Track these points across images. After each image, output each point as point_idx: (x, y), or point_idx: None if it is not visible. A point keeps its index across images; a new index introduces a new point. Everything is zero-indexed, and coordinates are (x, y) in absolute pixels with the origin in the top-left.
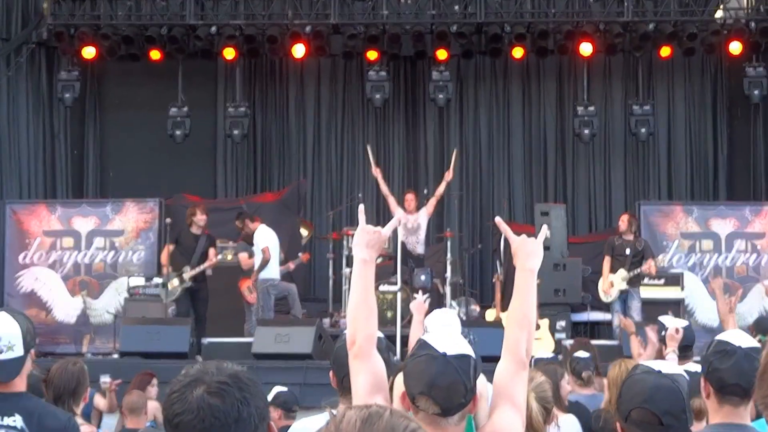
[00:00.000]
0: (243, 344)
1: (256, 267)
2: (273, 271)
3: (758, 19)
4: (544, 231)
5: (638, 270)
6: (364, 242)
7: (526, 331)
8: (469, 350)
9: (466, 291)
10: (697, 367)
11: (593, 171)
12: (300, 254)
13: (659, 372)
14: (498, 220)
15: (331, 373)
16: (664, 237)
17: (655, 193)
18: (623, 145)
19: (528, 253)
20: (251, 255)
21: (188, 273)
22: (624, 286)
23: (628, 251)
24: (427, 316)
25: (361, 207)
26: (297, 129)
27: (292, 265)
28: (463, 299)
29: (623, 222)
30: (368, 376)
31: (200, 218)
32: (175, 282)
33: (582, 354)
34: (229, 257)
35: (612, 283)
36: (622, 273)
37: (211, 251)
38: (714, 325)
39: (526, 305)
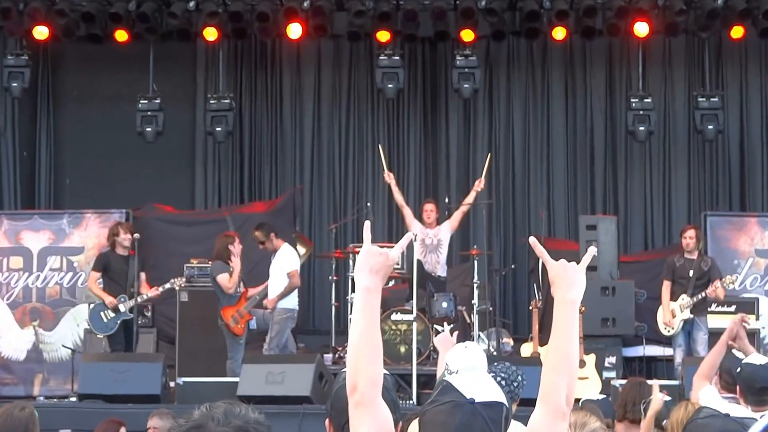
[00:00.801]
0: (226, 385)
1: (269, 292)
2: (294, 301)
3: None
4: (591, 253)
5: (702, 294)
6: (368, 267)
7: (566, 375)
8: (501, 396)
9: (496, 321)
10: None
11: (650, 176)
12: None
13: (726, 416)
14: (533, 240)
15: (327, 422)
16: (735, 254)
17: (725, 203)
18: (686, 145)
19: (570, 282)
20: (231, 275)
21: (128, 303)
22: (687, 314)
23: (691, 273)
24: (449, 351)
25: (367, 224)
26: (292, 125)
27: None
28: (493, 331)
29: (689, 238)
30: (371, 426)
31: (124, 238)
32: (111, 314)
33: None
34: (177, 285)
35: (673, 312)
36: (684, 299)
37: (143, 276)
38: None
39: (566, 344)
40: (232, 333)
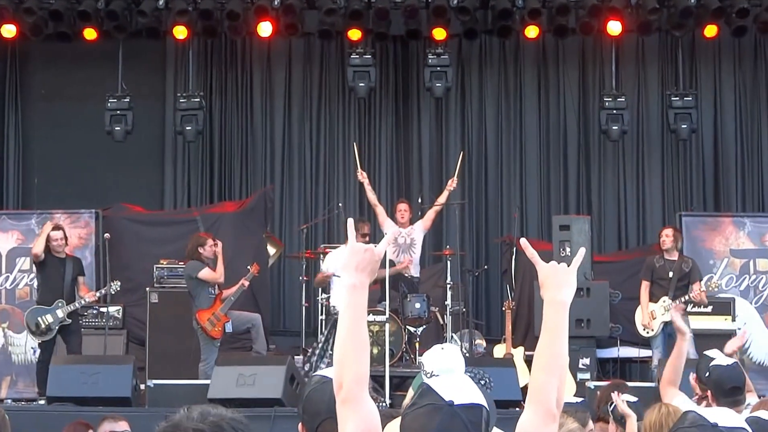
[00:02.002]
0: (197, 387)
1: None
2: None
3: None
4: (581, 254)
5: (686, 297)
6: (354, 264)
7: (556, 376)
8: (480, 398)
9: (469, 322)
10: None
11: (623, 176)
12: (249, 267)
13: (715, 426)
14: (524, 242)
15: (300, 426)
16: (711, 255)
17: (699, 203)
18: (660, 145)
19: (560, 283)
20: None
21: (64, 308)
22: (668, 317)
23: (671, 274)
24: (425, 353)
25: (351, 221)
26: (263, 125)
27: (246, 282)
28: (466, 332)
29: (667, 237)
30: (359, 424)
31: (54, 235)
32: (49, 318)
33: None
34: (113, 290)
35: (653, 314)
36: (665, 301)
37: (80, 280)
38: None
39: (556, 345)
40: (209, 336)
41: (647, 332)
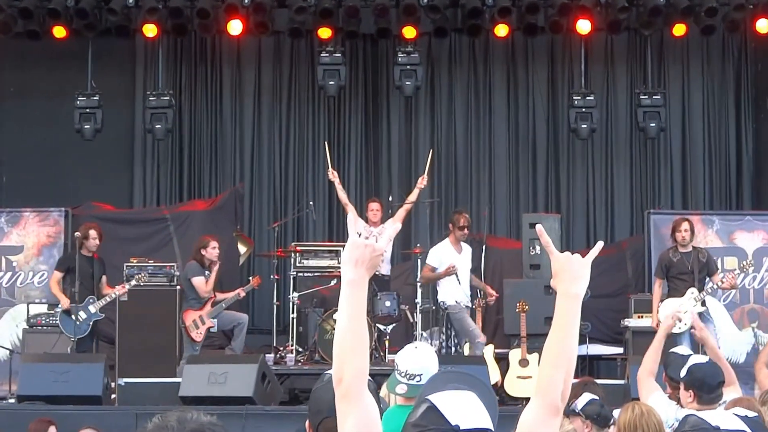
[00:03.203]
0: (168, 385)
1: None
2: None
3: None
4: (598, 247)
5: (712, 285)
6: (353, 259)
7: (563, 371)
8: (487, 421)
9: (439, 319)
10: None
11: (592, 174)
12: (251, 278)
13: (717, 429)
14: (539, 228)
15: (307, 424)
16: None
17: (667, 201)
18: (629, 143)
19: (574, 276)
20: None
21: (97, 304)
22: (701, 308)
23: (692, 267)
24: (399, 352)
25: (351, 216)
26: (233, 123)
27: (242, 293)
28: (436, 330)
29: (684, 231)
30: (358, 419)
31: (92, 234)
32: (83, 315)
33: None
34: (141, 281)
35: (681, 308)
36: (693, 293)
37: (104, 279)
38: (740, 360)
39: (567, 338)
40: (189, 337)
41: (679, 328)
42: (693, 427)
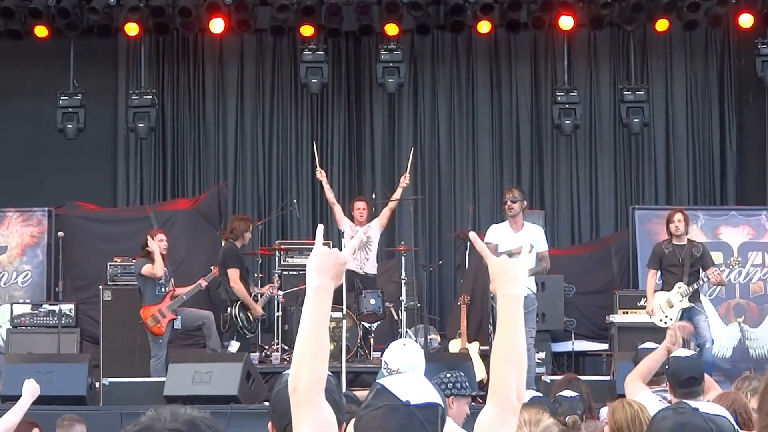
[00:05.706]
0: (153, 385)
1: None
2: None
3: None
4: (526, 249)
5: (701, 281)
6: (318, 267)
7: (514, 369)
8: (436, 397)
9: (424, 317)
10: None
11: (576, 170)
12: (212, 268)
13: (696, 410)
14: (473, 236)
15: (270, 425)
16: None
17: (651, 196)
18: (612, 139)
19: (511, 278)
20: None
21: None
22: (686, 303)
23: (683, 260)
24: (387, 349)
25: (320, 228)
26: (215, 121)
27: (204, 283)
28: (420, 327)
29: (680, 223)
30: (313, 428)
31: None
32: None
33: (568, 393)
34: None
35: (669, 302)
36: (680, 287)
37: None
38: (727, 355)
39: (513, 337)
40: (151, 332)
41: (663, 322)
42: (675, 408)
